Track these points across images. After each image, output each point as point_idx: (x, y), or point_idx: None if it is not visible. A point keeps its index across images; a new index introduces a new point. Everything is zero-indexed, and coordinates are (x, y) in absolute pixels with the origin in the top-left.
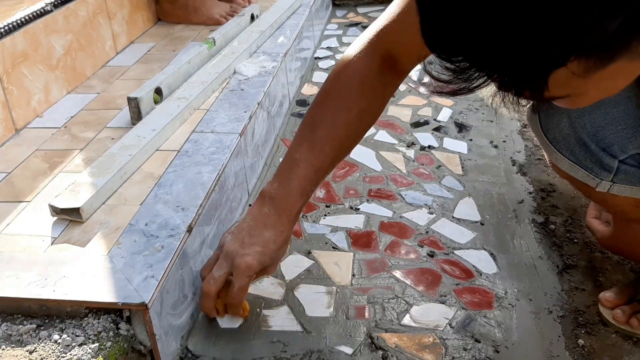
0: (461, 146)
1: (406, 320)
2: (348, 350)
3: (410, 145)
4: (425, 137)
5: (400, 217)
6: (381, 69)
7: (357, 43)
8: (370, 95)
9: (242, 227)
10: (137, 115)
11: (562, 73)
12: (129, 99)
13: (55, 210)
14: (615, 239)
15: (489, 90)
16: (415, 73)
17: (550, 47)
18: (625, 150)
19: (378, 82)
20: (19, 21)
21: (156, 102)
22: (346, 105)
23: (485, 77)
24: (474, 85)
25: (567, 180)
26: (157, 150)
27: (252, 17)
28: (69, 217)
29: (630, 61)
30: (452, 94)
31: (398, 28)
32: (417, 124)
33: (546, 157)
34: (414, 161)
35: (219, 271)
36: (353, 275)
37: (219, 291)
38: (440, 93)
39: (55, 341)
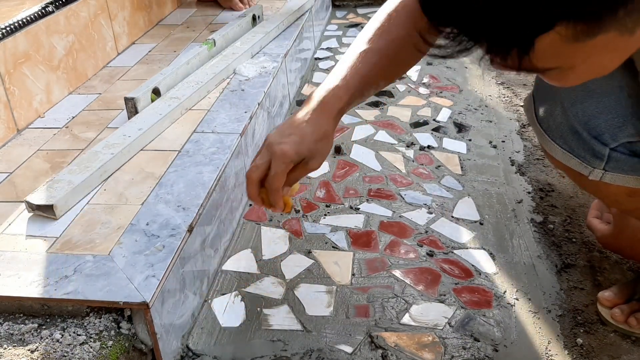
0: (460, 146)
1: (406, 319)
2: (348, 349)
3: (409, 145)
4: (424, 137)
5: (400, 216)
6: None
7: None
8: (415, 29)
9: (286, 122)
10: (134, 115)
11: (550, 39)
12: (126, 99)
13: (31, 207)
14: (615, 237)
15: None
16: (414, 74)
17: (536, 8)
18: (615, 139)
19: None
20: (20, 22)
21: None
22: (399, 23)
23: (474, 43)
24: (464, 48)
25: (562, 170)
26: (142, 149)
27: (254, 19)
28: (43, 213)
29: (619, 35)
30: (446, 57)
31: None
32: (416, 124)
33: (542, 147)
34: (413, 161)
35: (260, 159)
36: (353, 274)
37: (261, 180)
38: (436, 56)
39: (57, 340)
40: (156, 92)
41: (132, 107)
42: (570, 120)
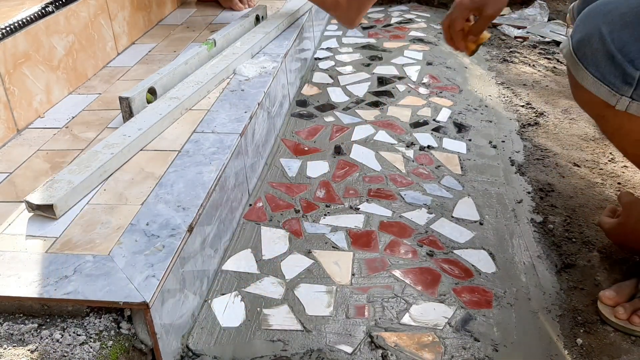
0: (460, 146)
1: (406, 319)
2: (348, 349)
3: (409, 145)
4: (424, 137)
5: (400, 216)
6: None
7: None
8: None
9: None
10: (128, 115)
11: None
12: (121, 99)
13: (31, 207)
14: (622, 226)
15: None
16: (415, 74)
17: None
18: None
19: None
20: (20, 22)
21: (150, 103)
22: None
23: None
24: None
25: (588, 106)
26: (142, 149)
27: (257, 19)
28: (43, 213)
29: None
30: None
31: None
32: (416, 124)
33: (571, 83)
34: (413, 161)
35: (449, 13)
36: (353, 274)
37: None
38: None
39: (57, 340)
40: (152, 92)
41: (126, 107)
42: (607, 45)
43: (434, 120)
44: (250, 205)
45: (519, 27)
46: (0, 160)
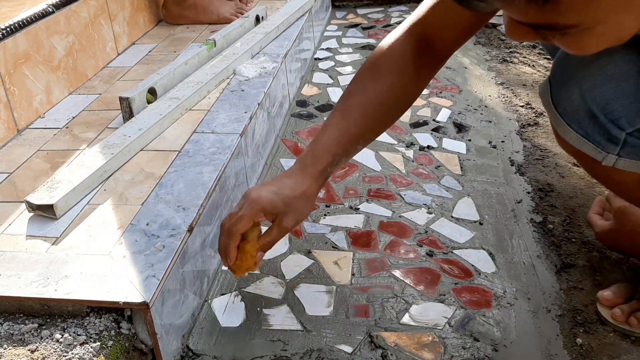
0: (460, 146)
1: (405, 319)
2: (348, 349)
3: (409, 145)
4: (424, 138)
5: (400, 216)
6: (416, 51)
7: (396, 29)
8: (403, 73)
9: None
10: (128, 115)
11: None
12: (121, 99)
13: (31, 207)
14: (614, 232)
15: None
16: None
17: None
18: (632, 124)
19: (412, 62)
20: (20, 22)
21: (150, 103)
22: (378, 78)
23: None
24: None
25: (574, 156)
26: (142, 149)
27: (258, 19)
28: (43, 213)
29: None
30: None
31: (432, 12)
32: (416, 124)
33: (555, 132)
34: (413, 161)
35: (236, 208)
36: (353, 274)
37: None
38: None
39: (57, 340)
40: (153, 93)
41: (126, 107)
42: (588, 104)
43: (433, 120)
44: None
45: None
46: (1, 161)
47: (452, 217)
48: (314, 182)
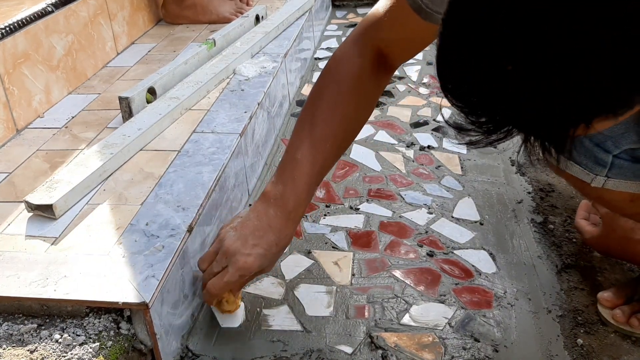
0: (460, 146)
1: (406, 319)
2: (348, 349)
3: (409, 145)
4: (424, 138)
5: (400, 217)
6: (374, 67)
7: (349, 40)
8: (365, 92)
9: (246, 225)
10: (128, 115)
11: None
12: (120, 99)
13: (30, 206)
14: (604, 238)
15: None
16: (415, 74)
17: (575, 110)
18: (618, 146)
19: (372, 80)
20: (20, 22)
21: (149, 102)
22: (343, 101)
23: (506, 133)
24: (493, 138)
25: (563, 177)
26: (141, 149)
27: (257, 19)
28: (43, 213)
29: None
30: (471, 144)
31: (388, 25)
32: (416, 124)
33: (543, 154)
34: (413, 161)
35: (218, 266)
36: (353, 274)
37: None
38: (460, 143)
39: (56, 340)
40: (152, 92)
41: (126, 107)
42: None
43: (434, 120)
44: (250, 205)
45: None
46: (0, 160)
47: (453, 217)
48: (296, 227)
